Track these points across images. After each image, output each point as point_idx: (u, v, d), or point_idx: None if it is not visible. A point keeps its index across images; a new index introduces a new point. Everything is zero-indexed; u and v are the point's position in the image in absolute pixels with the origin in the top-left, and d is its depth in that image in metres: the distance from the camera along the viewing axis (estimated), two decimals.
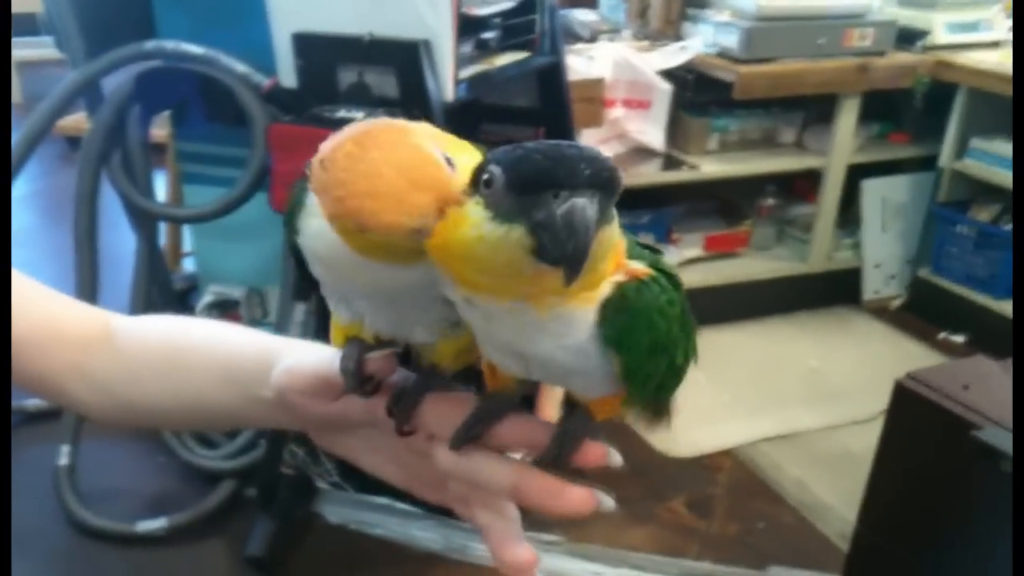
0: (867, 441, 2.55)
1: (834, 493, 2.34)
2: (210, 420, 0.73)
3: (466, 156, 0.50)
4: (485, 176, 0.45)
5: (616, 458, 0.54)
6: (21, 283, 0.72)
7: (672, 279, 0.52)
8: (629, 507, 2.26)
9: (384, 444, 0.60)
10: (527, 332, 0.49)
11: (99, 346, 0.71)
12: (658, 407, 0.57)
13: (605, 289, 0.49)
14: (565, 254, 0.43)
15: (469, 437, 0.55)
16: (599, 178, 0.43)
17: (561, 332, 0.49)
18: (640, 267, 0.51)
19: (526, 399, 0.58)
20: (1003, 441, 1.54)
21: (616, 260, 0.49)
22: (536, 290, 0.46)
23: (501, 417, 0.55)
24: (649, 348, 0.51)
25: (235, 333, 0.70)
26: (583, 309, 0.49)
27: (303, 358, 0.61)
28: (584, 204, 0.43)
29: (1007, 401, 1.61)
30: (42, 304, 0.72)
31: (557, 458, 0.53)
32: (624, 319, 0.49)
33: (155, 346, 0.71)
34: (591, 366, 0.51)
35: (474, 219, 0.45)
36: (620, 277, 0.50)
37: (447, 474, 0.57)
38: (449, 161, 0.48)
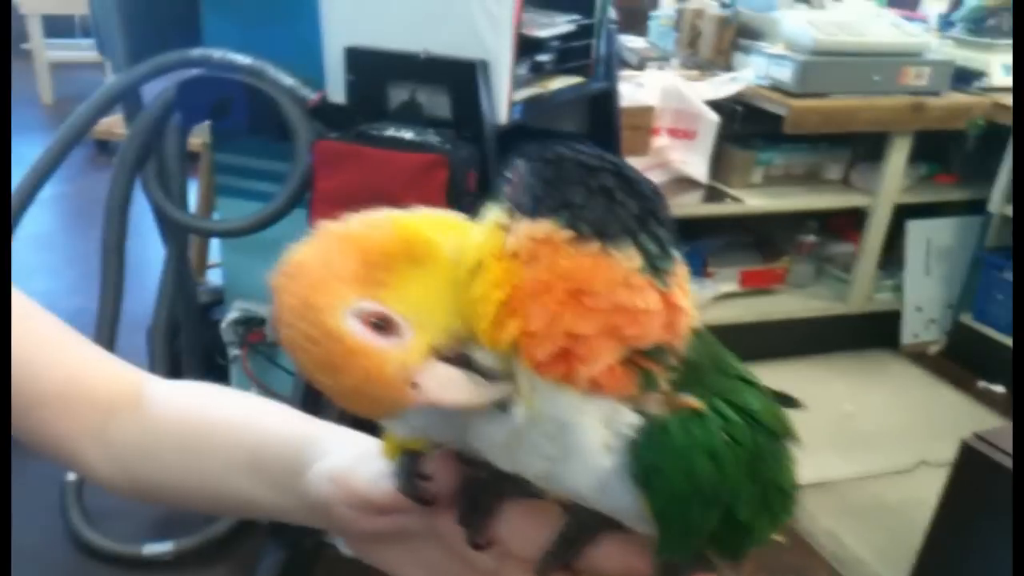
0: (902, 492, 2.50)
1: (868, 547, 2.26)
2: (232, 508, 0.64)
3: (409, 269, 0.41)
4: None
5: None
6: (54, 331, 0.64)
7: (750, 416, 0.41)
8: None
9: (435, 559, 0.51)
10: (537, 450, 0.41)
11: (125, 412, 0.63)
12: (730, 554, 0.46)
13: (628, 419, 0.40)
14: None
15: (559, 563, 0.45)
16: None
17: (562, 446, 0.40)
18: (692, 400, 0.40)
19: None
20: None
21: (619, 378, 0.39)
22: None
23: (594, 536, 0.45)
24: (686, 497, 0.40)
25: (268, 413, 0.62)
26: (579, 405, 0.39)
27: (349, 466, 0.53)
28: None
29: None
30: (73, 357, 0.64)
31: None
32: (654, 455, 0.39)
33: (180, 419, 0.63)
34: (620, 505, 0.42)
35: None
36: (654, 408, 0.40)
37: None
38: (381, 324, 0.39)
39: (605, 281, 0.37)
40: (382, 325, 0.39)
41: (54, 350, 0.63)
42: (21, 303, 0.63)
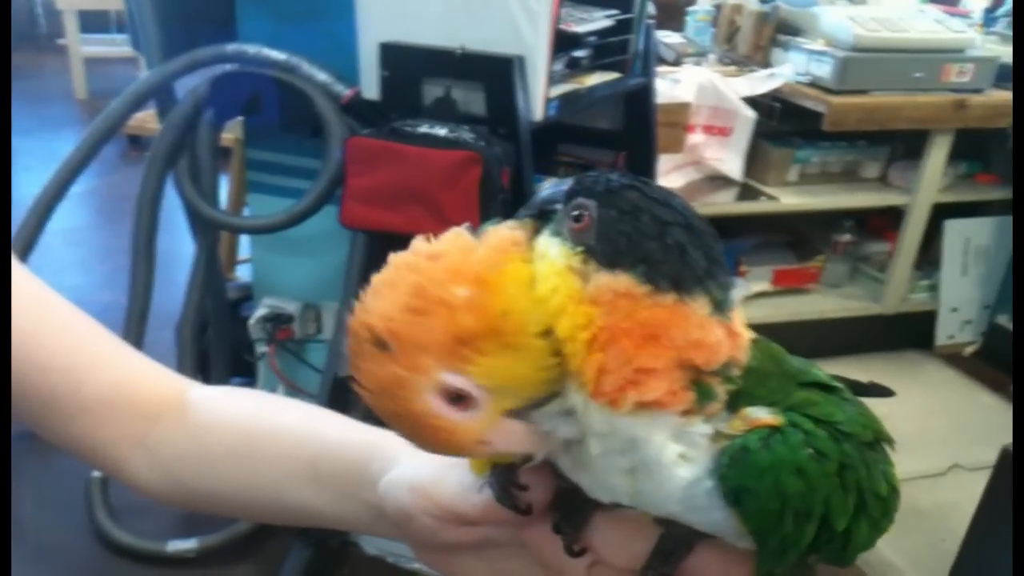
0: (935, 496, 2.46)
1: (900, 552, 2.22)
2: (288, 516, 0.63)
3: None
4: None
5: None
6: (97, 337, 0.64)
7: (834, 427, 0.43)
8: None
9: (516, 569, 0.51)
10: (613, 465, 0.43)
11: (169, 417, 0.63)
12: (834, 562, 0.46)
13: (699, 429, 0.42)
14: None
15: (660, 574, 0.45)
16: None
17: (636, 459, 0.42)
18: (766, 415, 0.42)
19: None
20: None
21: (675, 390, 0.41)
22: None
23: (691, 547, 0.45)
24: (778, 514, 0.41)
25: (327, 421, 0.62)
26: (643, 422, 0.41)
27: (433, 477, 0.52)
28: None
29: None
30: (117, 364, 0.64)
31: None
32: (740, 476, 0.41)
33: (232, 426, 0.63)
34: (713, 523, 0.43)
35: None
36: (726, 426, 0.42)
37: None
38: (458, 397, 0.41)
39: (680, 327, 0.40)
40: (462, 397, 0.41)
41: (97, 357, 0.63)
42: (64, 310, 0.62)
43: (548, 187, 0.46)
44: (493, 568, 0.52)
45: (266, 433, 0.62)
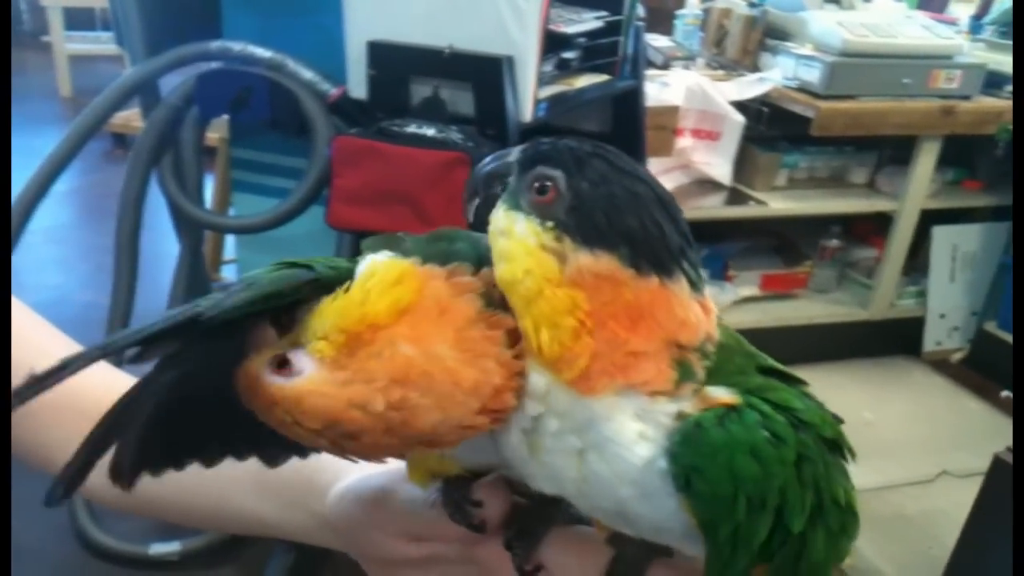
0: (923, 504, 2.46)
1: (887, 559, 2.21)
2: (232, 523, 0.63)
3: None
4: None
5: None
6: (42, 336, 0.63)
7: (792, 414, 0.40)
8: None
9: None
10: (562, 444, 0.41)
11: None
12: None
13: (664, 408, 0.40)
14: None
15: None
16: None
17: (589, 439, 0.40)
18: (725, 395, 0.40)
19: None
20: None
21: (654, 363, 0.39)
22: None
23: (645, 568, 0.45)
24: (730, 499, 0.39)
25: None
26: (609, 401, 0.39)
27: (382, 491, 0.51)
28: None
29: None
30: None
31: None
32: (692, 455, 0.39)
33: None
34: (664, 515, 0.41)
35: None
36: (689, 405, 0.40)
37: None
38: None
39: (666, 309, 0.39)
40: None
41: (42, 356, 0.60)
42: (13, 308, 0.61)
43: (489, 160, 0.44)
44: None
45: None
